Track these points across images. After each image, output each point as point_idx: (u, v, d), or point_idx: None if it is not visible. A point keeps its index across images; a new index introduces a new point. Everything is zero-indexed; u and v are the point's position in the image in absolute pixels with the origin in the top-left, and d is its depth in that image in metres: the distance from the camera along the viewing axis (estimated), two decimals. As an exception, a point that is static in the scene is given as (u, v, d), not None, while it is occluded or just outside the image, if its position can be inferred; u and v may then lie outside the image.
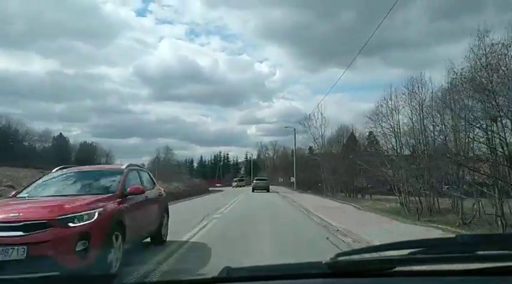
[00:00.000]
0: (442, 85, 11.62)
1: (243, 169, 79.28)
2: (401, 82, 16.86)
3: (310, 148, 42.50)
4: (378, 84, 75.27)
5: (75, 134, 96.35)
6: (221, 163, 79.09)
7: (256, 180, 38.51)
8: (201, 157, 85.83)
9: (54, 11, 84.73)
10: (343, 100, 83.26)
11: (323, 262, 1.13)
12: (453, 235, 1.13)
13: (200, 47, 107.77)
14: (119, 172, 5.70)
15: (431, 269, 1.15)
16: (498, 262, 1.11)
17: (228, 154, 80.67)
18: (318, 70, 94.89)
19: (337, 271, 1.13)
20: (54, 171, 5.96)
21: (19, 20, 79.42)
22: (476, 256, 1.08)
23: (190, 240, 6.95)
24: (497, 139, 8.67)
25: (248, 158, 71.12)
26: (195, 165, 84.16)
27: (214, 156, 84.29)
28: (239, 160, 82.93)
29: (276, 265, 1.19)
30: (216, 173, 76.04)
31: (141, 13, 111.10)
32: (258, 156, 70.36)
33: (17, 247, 3.66)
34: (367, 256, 1.15)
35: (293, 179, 39.93)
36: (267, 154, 69.06)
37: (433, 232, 7.92)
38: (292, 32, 78.53)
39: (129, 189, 5.30)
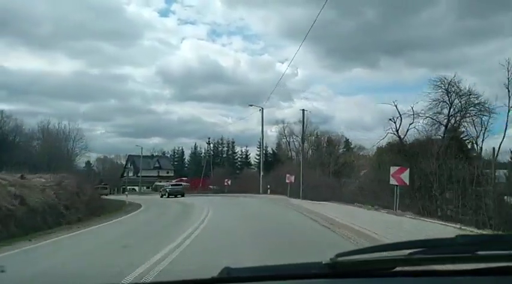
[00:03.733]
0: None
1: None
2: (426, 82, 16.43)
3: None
4: (401, 85, 73.55)
5: (100, 133, 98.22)
6: (239, 163, 75.89)
7: (172, 185, 40.32)
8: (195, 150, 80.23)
9: (80, 13, 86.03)
10: (363, 101, 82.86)
11: (323, 262, 1.16)
12: (453, 236, 1.16)
13: (222, 47, 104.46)
14: None
15: (431, 269, 1.19)
16: (498, 262, 1.14)
17: (248, 153, 77.32)
18: (341, 70, 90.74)
19: (337, 271, 1.16)
20: None
21: (47, 21, 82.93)
22: (476, 256, 1.11)
23: None
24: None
25: (263, 154, 68.10)
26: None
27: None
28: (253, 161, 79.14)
29: (276, 266, 1.22)
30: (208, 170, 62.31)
31: (164, 13, 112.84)
32: (274, 154, 68.32)
33: None
34: (367, 256, 1.18)
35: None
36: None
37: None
38: (315, 31, 75.89)
39: None
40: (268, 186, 34.05)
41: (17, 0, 75.71)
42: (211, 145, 70.72)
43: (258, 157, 73.55)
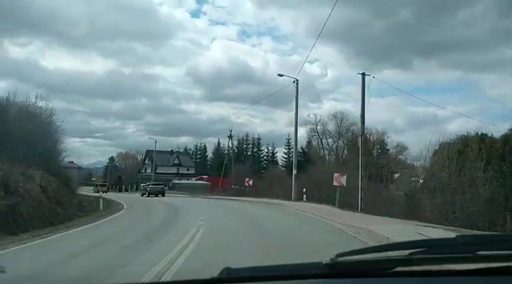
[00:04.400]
0: None
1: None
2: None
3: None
4: (434, 87, 68.69)
5: (131, 132, 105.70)
6: (264, 161, 69.44)
7: (153, 185, 40.94)
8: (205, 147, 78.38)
9: (114, 13, 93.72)
10: (395, 103, 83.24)
11: (323, 263, 1.18)
12: (453, 236, 1.19)
13: (251, 47, 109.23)
14: None
15: (431, 270, 1.20)
16: (498, 262, 1.15)
17: (274, 151, 71.99)
18: (372, 70, 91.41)
19: (337, 271, 1.18)
20: None
21: (82, 22, 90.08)
22: (476, 256, 1.13)
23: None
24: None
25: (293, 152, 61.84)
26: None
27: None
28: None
29: (276, 266, 1.24)
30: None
31: (195, 14, 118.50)
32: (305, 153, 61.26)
33: None
34: (367, 256, 1.19)
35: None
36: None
37: None
38: (345, 31, 76.30)
39: None
40: (304, 190, 25.05)
41: (55, 2, 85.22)
42: (235, 141, 64.28)
43: (285, 157, 67.02)
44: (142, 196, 37.73)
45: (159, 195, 35.77)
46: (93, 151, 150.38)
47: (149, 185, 40.82)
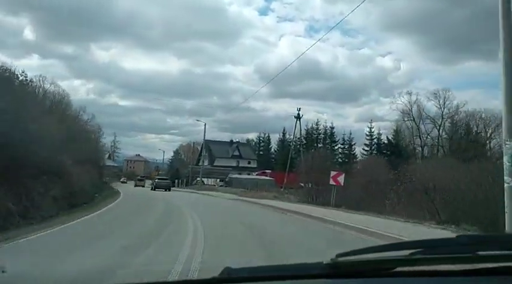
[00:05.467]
0: None
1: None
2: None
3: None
4: None
5: (202, 129, 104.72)
6: (340, 156, 59.31)
7: (158, 179, 43.20)
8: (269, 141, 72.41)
9: (187, 14, 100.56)
10: (477, 97, 77.44)
11: (323, 263, 1.21)
12: (453, 236, 1.22)
13: (320, 42, 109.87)
14: None
15: (431, 270, 1.23)
16: (498, 262, 1.18)
17: (352, 142, 63.81)
18: (451, 62, 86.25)
19: (337, 271, 1.21)
20: None
21: (158, 24, 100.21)
22: (476, 256, 1.15)
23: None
24: None
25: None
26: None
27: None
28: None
29: (277, 266, 1.27)
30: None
31: (263, 12, 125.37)
32: (391, 144, 50.38)
33: None
34: (367, 256, 1.22)
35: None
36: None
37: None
38: (421, 21, 73.06)
39: None
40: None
41: (134, 7, 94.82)
42: (303, 130, 53.65)
43: (367, 149, 55.14)
44: (152, 189, 39.52)
45: (166, 190, 38.19)
46: (169, 147, 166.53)
47: (156, 179, 43.67)
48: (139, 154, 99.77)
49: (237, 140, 70.08)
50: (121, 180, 63.15)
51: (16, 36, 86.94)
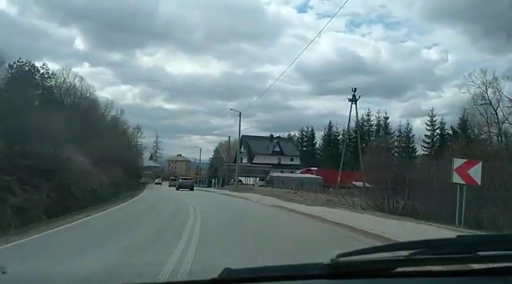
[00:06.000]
0: None
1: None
2: None
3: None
4: None
5: (243, 129, 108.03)
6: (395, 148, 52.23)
7: (182, 179, 44.74)
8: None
9: (227, 17, 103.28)
10: None
11: (324, 263, 1.20)
12: (454, 236, 1.22)
13: (361, 37, 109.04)
14: None
15: (431, 270, 1.22)
16: (498, 262, 1.17)
17: (411, 136, 57.04)
18: (504, 51, 78.15)
19: (338, 271, 1.20)
20: None
21: (200, 28, 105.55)
22: (476, 256, 1.15)
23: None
24: None
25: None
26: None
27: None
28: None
29: (277, 266, 1.26)
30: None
31: (302, 9, 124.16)
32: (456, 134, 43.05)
33: None
34: (367, 256, 1.22)
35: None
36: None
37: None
38: (471, 9, 67.75)
39: None
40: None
41: (176, 12, 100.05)
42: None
43: (428, 141, 47.79)
44: (176, 189, 40.04)
45: (188, 189, 39.44)
46: (212, 147, 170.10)
47: (180, 180, 44.73)
48: (180, 155, 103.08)
49: (278, 135, 64.30)
50: (155, 181, 63.60)
51: (68, 47, 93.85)
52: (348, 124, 44.22)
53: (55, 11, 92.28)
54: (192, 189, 39.45)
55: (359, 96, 41.59)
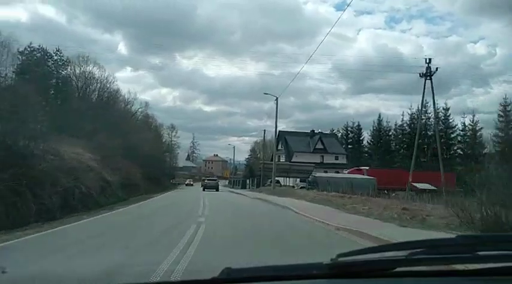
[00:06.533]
0: None
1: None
2: None
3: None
4: None
5: (280, 129, 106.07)
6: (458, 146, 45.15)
7: (208, 179, 44.66)
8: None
9: (264, 18, 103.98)
10: None
11: (324, 263, 1.22)
12: (454, 236, 1.23)
13: (401, 33, 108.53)
14: None
15: (431, 270, 1.24)
16: (498, 262, 1.17)
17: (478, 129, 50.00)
18: None
19: (338, 271, 1.22)
20: None
21: (237, 30, 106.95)
22: (476, 256, 1.15)
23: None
24: None
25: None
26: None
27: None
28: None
29: (277, 266, 1.28)
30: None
31: (340, 7, 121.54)
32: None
33: None
34: (367, 256, 1.23)
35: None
36: None
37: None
38: None
39: None
40: None
41: (214, 15, 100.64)
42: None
43: (501, 135, 40.74)
44: (203, 190, 39.88)
45: (213, 189, 39.62)
46: (249, 148, 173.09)
47: (205, 180, 45.24)
48: (217, 155, 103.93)
49: (319, 130, 58.42)
50: (186, 183, 62.17)
51: (112, 52, 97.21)
52: (421, 108, 37.23)
53: (99, 19, 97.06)
54: (217, 189, 39.90)
55: (436, 69, 33.36)
